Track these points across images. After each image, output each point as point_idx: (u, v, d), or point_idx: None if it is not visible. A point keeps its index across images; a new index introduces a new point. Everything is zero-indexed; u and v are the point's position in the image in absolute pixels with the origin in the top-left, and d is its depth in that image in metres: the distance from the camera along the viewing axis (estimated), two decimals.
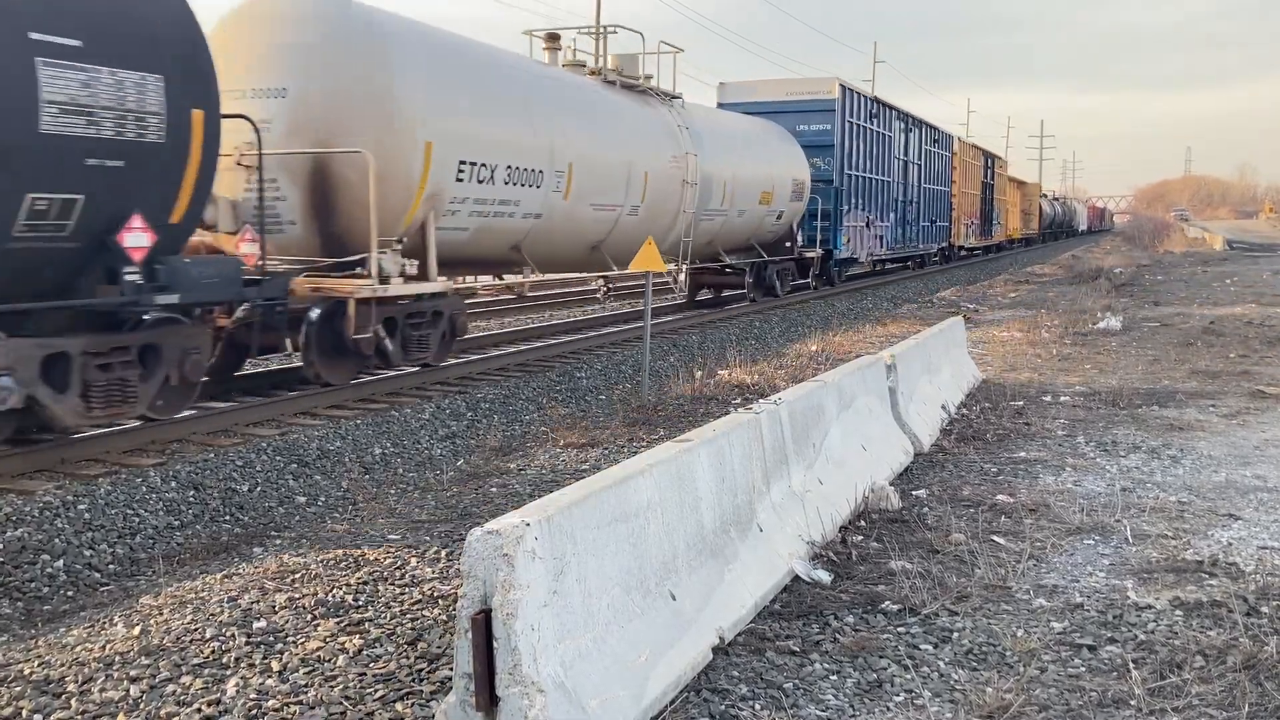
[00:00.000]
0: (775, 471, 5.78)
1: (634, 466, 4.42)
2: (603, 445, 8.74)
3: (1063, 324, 17.69)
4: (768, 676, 4.30)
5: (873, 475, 6.98)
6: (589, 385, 12.86)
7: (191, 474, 7.97)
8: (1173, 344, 15.32)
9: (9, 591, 6.32)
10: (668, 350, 15.21)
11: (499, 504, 6.96)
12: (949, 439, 8.87)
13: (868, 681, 4.29)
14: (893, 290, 27.81)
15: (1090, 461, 8.13)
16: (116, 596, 6.28)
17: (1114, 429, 9.32)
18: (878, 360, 8.38)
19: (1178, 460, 8.16)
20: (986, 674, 4.36)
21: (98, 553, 6.88)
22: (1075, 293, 25.45)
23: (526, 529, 3.48)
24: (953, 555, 5.81)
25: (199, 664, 4.38)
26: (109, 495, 7.34)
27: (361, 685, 4.15)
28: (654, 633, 4.10)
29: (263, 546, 6.89)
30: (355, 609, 4.96)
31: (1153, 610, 5.03)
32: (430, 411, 10.47)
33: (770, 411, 5.89)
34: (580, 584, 3.77)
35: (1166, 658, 4.47)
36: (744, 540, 5.14)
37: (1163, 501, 6.96)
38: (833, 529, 6.04)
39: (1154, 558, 5.82)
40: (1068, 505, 6.80)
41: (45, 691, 4.19)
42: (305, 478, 8.63)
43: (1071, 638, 4.72)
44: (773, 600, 5.08)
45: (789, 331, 18.86)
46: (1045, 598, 5.20)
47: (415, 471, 9.24)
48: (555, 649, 3.53)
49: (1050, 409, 10.30)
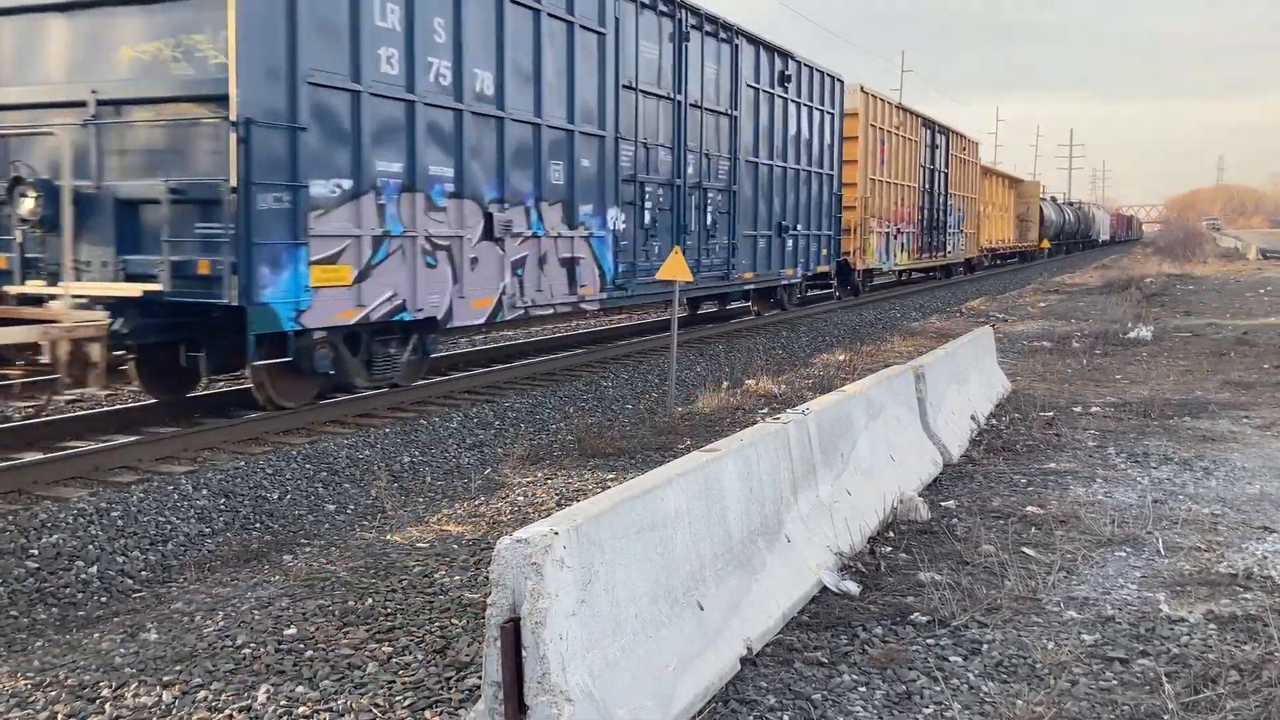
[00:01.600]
0: (803, 482, 5.77)
1: (661, 476, 4.43)
2: (629, 454, 8.74)
3: (1093, 333, 17.54)
4: (796, 688, 4.29)
5: (901, 486, 6.95)
6: (615, 395, 12.87)
7: (222, 482, 8.04)
8: (1205, 354, 15.17)
9: (44, 597, 6.40)
10: (694, 360, 15.20)
11: (525, 513, 6.98)
12: (978, 450, 8.82)
13: (897, 693, 4.27)
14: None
15: (1121, 473, 8.06)
16: (149, 603, 6.34)
17: (1145, 440, 9.23)
18: (906, 370, 8.34)
19: (1210, 472, 8.07)
20: (1017, 686, 4.33)
21: (130, 559, 6.95)
22: (1105, 302, 25.23)
23: (555, 538, 3.50)
24: (982, 567, 5.77)
25: (230, 670, 4.42)
26: (141, 502, 7.42)
27: (391, 693, 4.18)
28: (682, 642, 4.10)
29: (293, 554, 6.94)
30: (385, 616, 4.99)
31: (1186, 623, 4.98)
32: (458, 420, 10.51)
33: (798, 421, 5.88)
34: (608, 593, 3.77)
35: (1200, 672, 4.42)
36: (772, 550, 5.13)
37: (1195, 514, 6.89)
38: (861, 540, 6.02)
39: (1187, 570, 5.76)
40: (1099, 517, 6.74)
41: (80, 696, 4.24)
42: (335, 485, 8.68)
43: (1103, 650, 4.68)
44: (801, 611, 5.07)
45: (816, 341, 18.81)
46: (1076, 610, 5.16)
47: (443, 480, 9.28)
48: (583, 658, 3.54)
49: (1080, 419, 10.22)
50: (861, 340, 18.30)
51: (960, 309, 25.12)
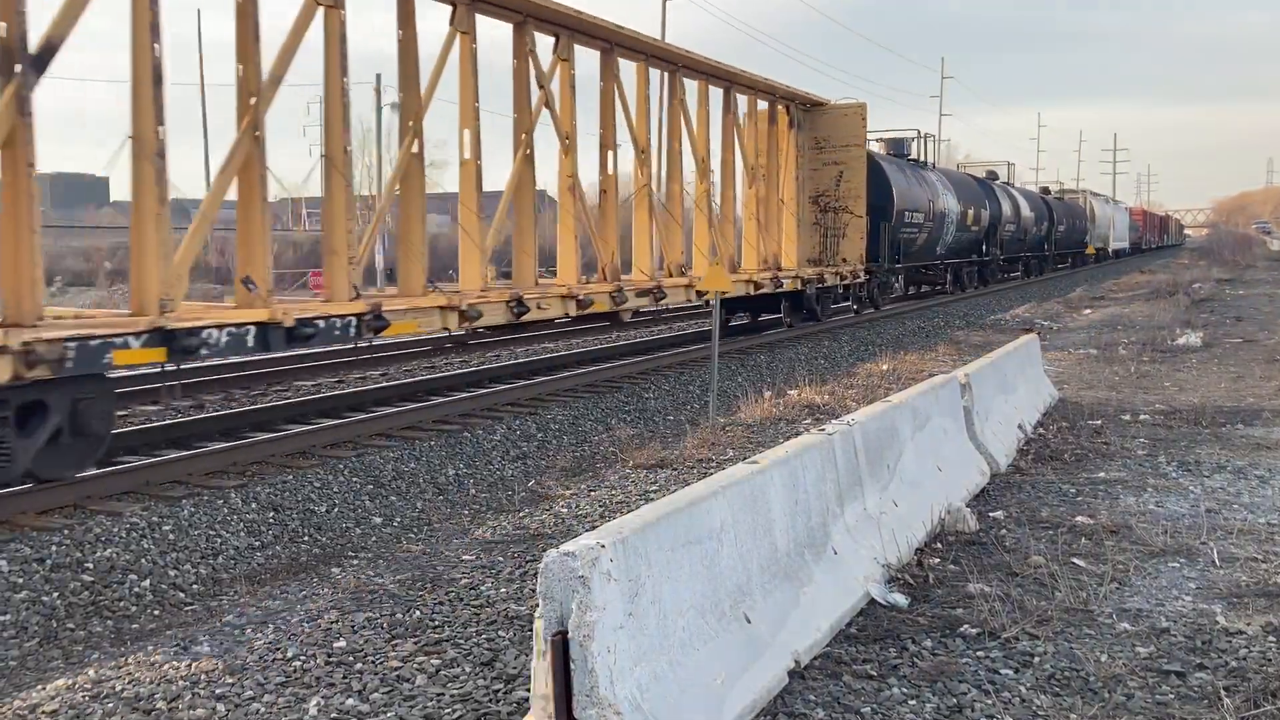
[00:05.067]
0: (849, 493, 5.73)
1: (706, 488, 4.42)
2: (671, 466, 8.73)
3: (1140, 340, 17.29)
4: (845, 701, 4.26)
5: (948, 497, 6.88)
6: (657, 406, 12.88)
7: (271, 495, 8.14)
8: (1257, 360, 14.89)
9: (100, 610, 6.51)
10: (735, 370, 15.17)
11: (570, 525, 6.99)
12: (1026, 459, 8.72)
13: (947, 706, 4.22)
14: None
15: (1173, 482, 7.93)
16: (201, 616, 6.43)
17: (1197, 448, 9.08)
18: (951, 379, 8.27)
19: (1266, 480, 7.92)
20: (1070, 700, 4.26)
21: (182, 573, 7.06)
22: (1152, 309, 24.86)
23: (601, 551, 3.50)
24: (1032, 578, 5.70)
25: (281, 683, 4.47)
26: (192, 516, 7.54)
27: (440, 705, 4.20)
28: (729, 656, 4.09)
29: (341, 567, 7.01)
30: (432, 629, 5.02)
31: (1244, 636, 4.88)
32: (501, 433, 10.57)
33: (843, 432, 5.85)
34: (655, 606, 3.77)
35: (1260, 685, 4.33)
36: (818, 563, 5.10)
37: (1251, 523, 6.76)
38: (908, 551, 5.97)
39: (1243, 581, 5.65)
40: (1150, 527, 6.63)
41: (136, 709, 4.31)
42: (381, 498, 8.76)
43: (1159, 664, 4.60)
44: (848, 623, 5.03)
45: (858, 351, 18.70)
46: (1129, 622, 5.08)
47: (488, 492, 9.33)
48: (631, 671, 3.54)
49: (1130, 428, 10.07)
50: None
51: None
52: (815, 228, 21.09)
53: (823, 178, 20.95)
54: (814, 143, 21.01)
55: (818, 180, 20.96)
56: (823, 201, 21.02)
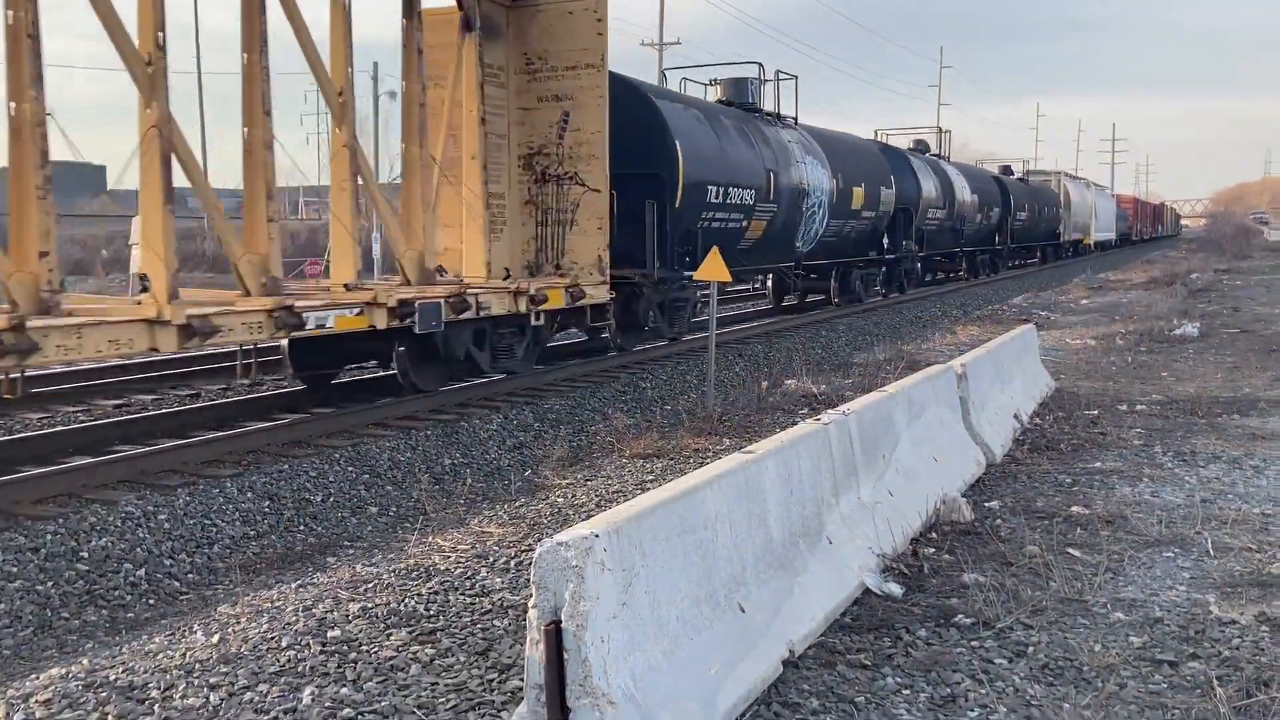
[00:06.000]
0: (844, 483, 5.73)
1: (701, 478, 4.42)
2: (668, 456, 8.73)
3: (1138, 330, 17.30)
4: (839, 690, 4.26)
5: (944, 487, 6.88)
6: (654, 396, 12.87)
7: (267, 484, 8.13)
8: (1253, 351, 14.90)
9: (94, 599, 6.51)
10: (733, 360, 15.16)
11: (566, 515, 6.99)
12: (1022, 449, 8.72)
13: (941, 696, 4.23)
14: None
15: (1168, 472, 7.94)
16: (195, 605, 6.43)
17: (1193, 438, 9.08)
18: (948, 369, 8.27)
19: (1261, 471, 7.93)
20: (1064, 689, 4.27)
21: (177, 562, 7.06)
22: (1150, 299, 24.87)
23: (595, 540, 3.50)
24: (1027, 568, 5.70)
25: (275, 672, 4.47)
26: (188, 505, 7.53)
27: (434, 695, 4.20)
28: (724, 645, 4.09)
29: (336, 556, 7.01)
30: (427, 619, 5.02)
31: (1237, 626, 4.89)
32: (498, 422, 10.56)
33: (838, 422, 5.84)
34: (649, 596, 3.77)
35: (1253, 675, 4.33)
36: (813, 552, 5.11)
37: (1246, 513, 6.76)
38: (903, 541, 5.97)
39: (1237, 571, 5.66)
40: (1145, 517, 6.64)
41: (130, 698, 4.30)
42: (377, 488, 8.76)
43: (1152, 653, 4.61)
44: (843, 613, 5.03)
45: (856, 340, 18.69)
46: (1123, 612, 5.09)
47: (484, 482, 9.33)
48: (625, 661, 3.54)
49: (1126, 418, 10.07)
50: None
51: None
52: (528, 210, 12.68)
53: (538, 123, 12.49)
54: (523, 64, 12.53)
55: (531, 127, 12.53)
56: (539, 164, 12.57)
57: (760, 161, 16.68)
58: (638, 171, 13.44)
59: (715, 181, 15.02)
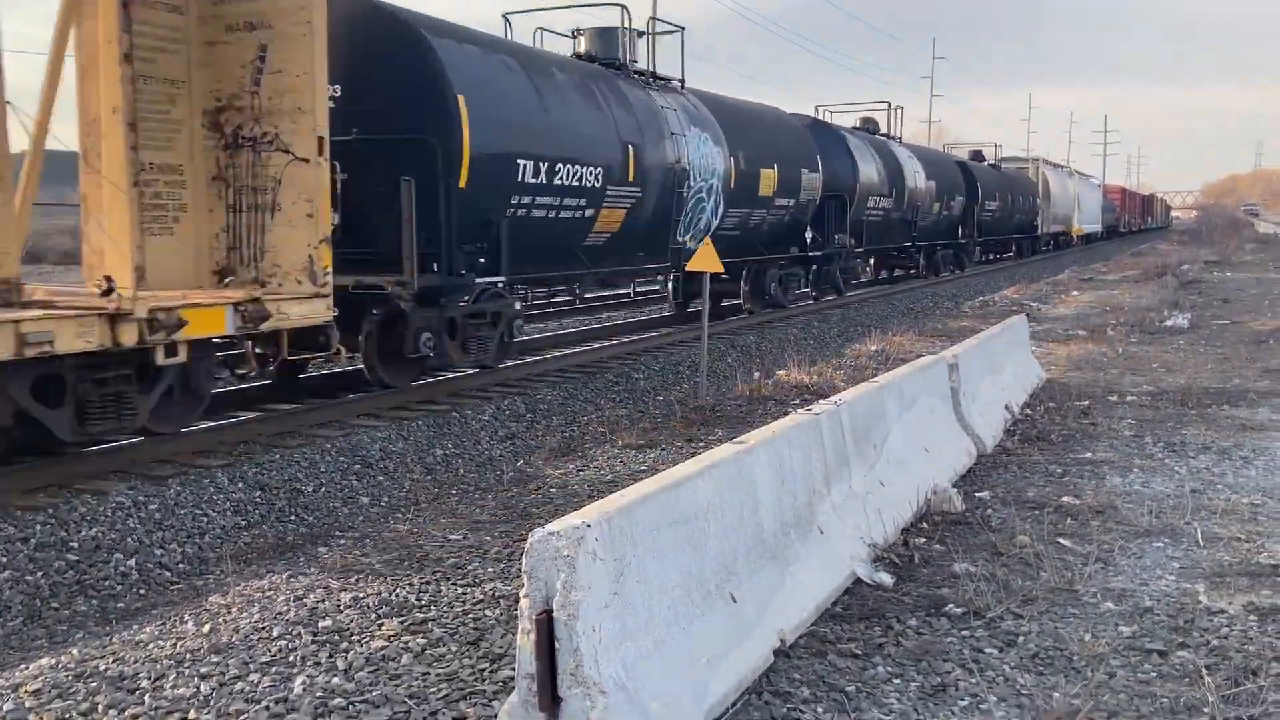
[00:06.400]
0: (836, 473, 5.74)
1: (693, 468, 4.42)
2: (661, 446, 8.74)
3: (1128, 322, 17.34)
4: (830, 679, 4.28)
5: (935, 477, 6.90)
6: (646, 386, 12.88)
7: (258, 475, 8.12)
8: (1243, 342, 14.95)
9: (85, 589, 6.50)
10: (725, 351, 15.17)
11: (558, 505, 7.00)
12: (1013, 440, 8.74)
13: (931, 685, 4.24)
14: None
15: (1158, 462, 7.96)
16: (186, 595, 6.42)
17: (1183, 429, 9.12)
18: (939, 360, 8.28)
19: (1250, 461, 7.96)
20: (1053, 679, 4.29)
21: (168, 552, 7.04)
22: (1140, 290, 24.94)
23: (587, 530, 3.50)
24: (1017, 558, 5.72)
25: (266, 662, 4.47)
26: (179, 495, 7.51)
27: (425, 685, 4.20)
28: (715, 635, 4.10)
29: (327, 546, 6.99)
30: (418, 609, 5.02)
31: (1226, 615, 4.91)
32: (490, 413, 10.55)
33: (830, 413, 5.85)
34: (641, 585, 3.77)
35: (1241, 664, 4.36)
36: (804, 542, 5.11)
37: (1235, 503, 6.79)
38: (895, 531, 5.99)
39: (1226, 561, 5.68)
40: (1135, 507, 6.67)
41: (120, 687, 4.29)
42: (368, 478, 8.75)
43: (1141, 642, 4.63)
44: (834, 603, 5.04)
45: (848, 331, 18.71)
46: (1113, 601, 5.11)
47: (476, 472, 9.32)
48: (616, 650, 3.54)
49: (1117, 409, 10.11)
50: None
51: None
52: (217, 188, 8.80)
53: (228, 63, 8.64)
54: None
55: (220, 70, 8.68)
56: (230, 123, 8.70)
57: (614, 131, 12.72)
58: (397, 136, 10.01)
59: (533, 154, 11.15)
